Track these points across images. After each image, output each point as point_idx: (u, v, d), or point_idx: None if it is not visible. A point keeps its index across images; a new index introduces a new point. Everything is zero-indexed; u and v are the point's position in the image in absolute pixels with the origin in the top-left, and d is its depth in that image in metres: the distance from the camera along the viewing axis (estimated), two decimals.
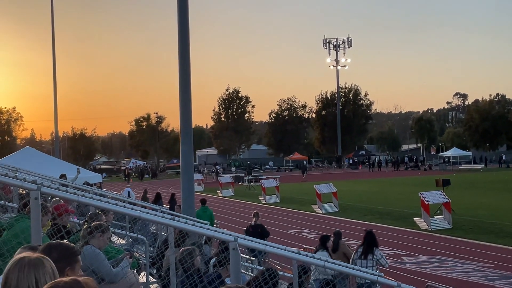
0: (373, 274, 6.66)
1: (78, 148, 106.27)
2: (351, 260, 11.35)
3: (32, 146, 38.72)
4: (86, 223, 7.55)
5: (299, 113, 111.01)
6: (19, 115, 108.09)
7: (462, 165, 77.63)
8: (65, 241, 3.62)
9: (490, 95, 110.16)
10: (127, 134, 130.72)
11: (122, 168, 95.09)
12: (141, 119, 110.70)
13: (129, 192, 26.70)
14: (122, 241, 10.79)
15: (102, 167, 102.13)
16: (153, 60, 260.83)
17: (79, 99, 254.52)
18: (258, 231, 15.94)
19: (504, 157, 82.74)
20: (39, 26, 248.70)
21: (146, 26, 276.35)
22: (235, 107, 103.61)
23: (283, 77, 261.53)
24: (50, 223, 7.67)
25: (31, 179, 5.04)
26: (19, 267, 2.74)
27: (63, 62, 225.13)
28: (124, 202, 8.61)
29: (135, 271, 6.91)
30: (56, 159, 30.30)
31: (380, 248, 11.75)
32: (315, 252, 11.71)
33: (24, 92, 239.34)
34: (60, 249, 3.25)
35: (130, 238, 10.70)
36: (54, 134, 50.58)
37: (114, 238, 9.89)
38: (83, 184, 18.03)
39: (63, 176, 18.11)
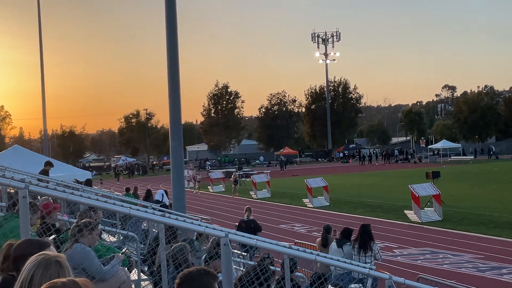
0: (364, 267, 6.66)
1: (68, 146, 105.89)
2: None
3: (21, 145, 38.42)
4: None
5: (289, 107, 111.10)
6: (7, 113, 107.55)
7: (452, 157, 78.01)
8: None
9: (479, 87, 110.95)
10: (116, 131, 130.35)
11: (112, 165, 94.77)
12: (131, 116, 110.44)
13: (163, 194, 23.79)
14: (113, 239, 10.76)
15: (91, 164, 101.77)
16: (142, 57, 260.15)
17: (68, 97, 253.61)
18: (251, 226, 15.93)
19: (494, 149, 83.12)
20: (26, 24, 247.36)
21: (134, 23, 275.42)
22: (224, 102, 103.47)
23: (272, 72, 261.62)
24: (39, 222, 7.63)
25: (19, 178, 5.00)
26: (45, 266, 2.76)
27: (51, 60, 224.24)
28: (113, 199, 8.57)
29: (126, 268, 6.88)
30: (45, 158, 30.10)
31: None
32: (339, 246, 11.67)
33: (12, 90, 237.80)
34: (25, 247, 3.25)
35: (120, 236, 10.66)
36: (43, 132, 50.23)
37: (105, 236, 9.85)
38: (73, 182, 17.96)
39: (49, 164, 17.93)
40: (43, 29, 43.70)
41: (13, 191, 8.11)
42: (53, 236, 7.02)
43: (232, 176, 43.35)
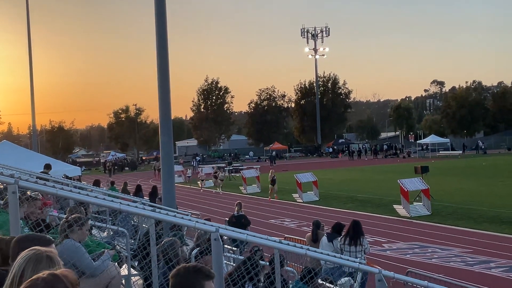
0: (354, 262, 6.69)
1: (57, 141, 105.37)
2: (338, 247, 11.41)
3: (10, 140, 38.16)
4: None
5: (279, 103, 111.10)
6: None
7: (440, 152, 78.34)
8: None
9: (467, 82, 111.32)
10: (106, 126, 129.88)
11: (102, 160, 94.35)
12: (120, 111, 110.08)
13: None
14: (103, 234, 10.73)
15: (81, 160, 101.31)
16: (131, 52, 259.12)
17: (57, 92, 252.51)
18: (242, 221, 16.02)
19: (481, 144, 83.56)
20: (15, 18, 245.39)
21: (124, 18, 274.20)
22: (214, 97, 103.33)
23: (262, 67, 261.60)
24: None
25: (9, 173, 4.98)
26: (36, 261, 2.74)
27: (40, 55, 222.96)
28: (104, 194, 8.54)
29: (116, 263, 6.86)
30: (34, 153, 29.97)
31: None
32: (330, 240, 11.71)
33: (0, 85, 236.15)
34: (30, 241, 3.21)
35: (111, 231, 10.64)
36: (31, 128, 50.02)
37: (95, 231, 9.83)
38: (62, 177, 17.88)
39: (48, 166, 17.99)
40: (32, 24, 43.43)
41: (1, 186, 8.06)
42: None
43: (270, 174, 35.44)
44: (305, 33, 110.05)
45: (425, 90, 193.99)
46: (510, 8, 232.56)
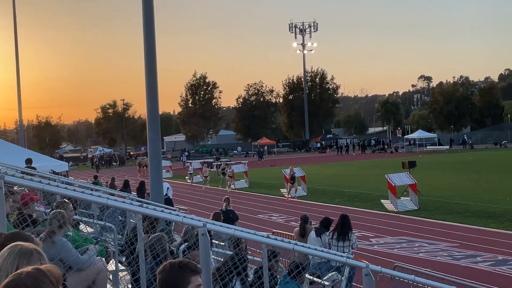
0: (341, 256, 6.71)
1: (44, 136, 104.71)
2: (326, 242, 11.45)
3: None
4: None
5: (267, 98, 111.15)
6: None
7: (428, 147, 78.76)
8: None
9: (454, 77, 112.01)
10: (93, 121, 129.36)
11: (89, 156, 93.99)
12: (108, 106, 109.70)
13: (168, 188, 21.81)
14: (90, 229, 10.69)
15: (68, 155, 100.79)
16: (119, 47, 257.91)
17: (44, 87, 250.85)
18: (230, 216, 16.00)
19: (466, 138, 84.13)
20: (1, 12, 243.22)
21: (111, 13, 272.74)
22: (202, 92, 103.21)
23: (250, 62, 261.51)
24: (15, 213, 7.54)
25: None
26: (28, 256, 2.71)
27: (27, 50, 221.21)
28: (91, 190, 8.50)
29: (104, 259, 6.84)
30: (21, 148, 29.78)
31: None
32: (318, 235, 11.75)
33: None
34: (18, 240, 3.18)
35: (98, 226, 10.60)
36: (18, 123, 49.70)
37: (82, 226, 9.79)
38: (49, 172, 17.80)
39: (29, 161, 17.92)
40: (19, 19, 43.09)
41: None
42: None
43: (289, 171, 31.59)
44: (293, 28, 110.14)
45: (413, 85, 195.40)
46: (496, 4, 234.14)
